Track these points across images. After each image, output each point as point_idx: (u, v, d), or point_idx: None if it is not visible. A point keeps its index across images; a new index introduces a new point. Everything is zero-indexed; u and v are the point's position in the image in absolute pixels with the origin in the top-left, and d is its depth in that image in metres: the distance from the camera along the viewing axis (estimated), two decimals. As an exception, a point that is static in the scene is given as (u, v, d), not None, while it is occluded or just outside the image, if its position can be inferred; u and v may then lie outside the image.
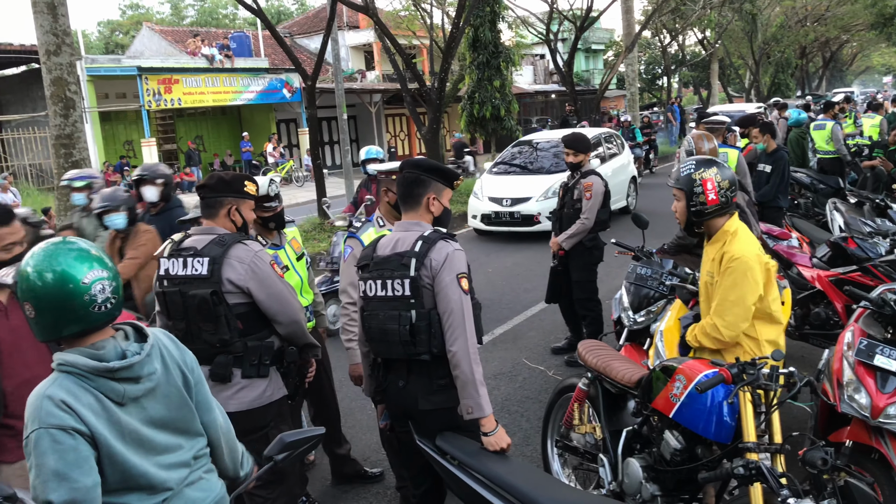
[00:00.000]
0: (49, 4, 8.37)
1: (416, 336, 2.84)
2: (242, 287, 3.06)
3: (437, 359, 2.87)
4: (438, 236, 2.92)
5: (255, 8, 13.33)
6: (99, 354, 1.92)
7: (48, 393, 1.86)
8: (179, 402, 2.07)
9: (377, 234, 3.73)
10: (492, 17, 18.89)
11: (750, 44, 36.54)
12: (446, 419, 2.94)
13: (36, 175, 21.32)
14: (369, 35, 30.44)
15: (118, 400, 1.93)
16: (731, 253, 3.18)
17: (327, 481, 4.51)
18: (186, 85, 23.32)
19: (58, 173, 8.77)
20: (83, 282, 1.86)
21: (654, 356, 4.11)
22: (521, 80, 34.49)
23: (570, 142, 6.19)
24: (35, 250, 1.91)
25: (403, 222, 3.05)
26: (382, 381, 3.05)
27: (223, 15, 49.15)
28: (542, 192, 11.73)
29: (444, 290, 2.83)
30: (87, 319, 1.89)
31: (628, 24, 23.24)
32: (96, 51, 42.17)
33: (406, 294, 2.86)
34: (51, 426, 1.81)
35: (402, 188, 3.06)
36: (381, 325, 2.92)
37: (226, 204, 3.22)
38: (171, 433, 2.05)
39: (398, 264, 2.88)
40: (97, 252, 1.96)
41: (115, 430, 1.90)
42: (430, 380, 2.91)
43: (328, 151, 29.83)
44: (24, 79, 24.13)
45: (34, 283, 1.85)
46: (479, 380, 2.82)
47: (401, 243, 2.95)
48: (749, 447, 2.67)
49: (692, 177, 3.27)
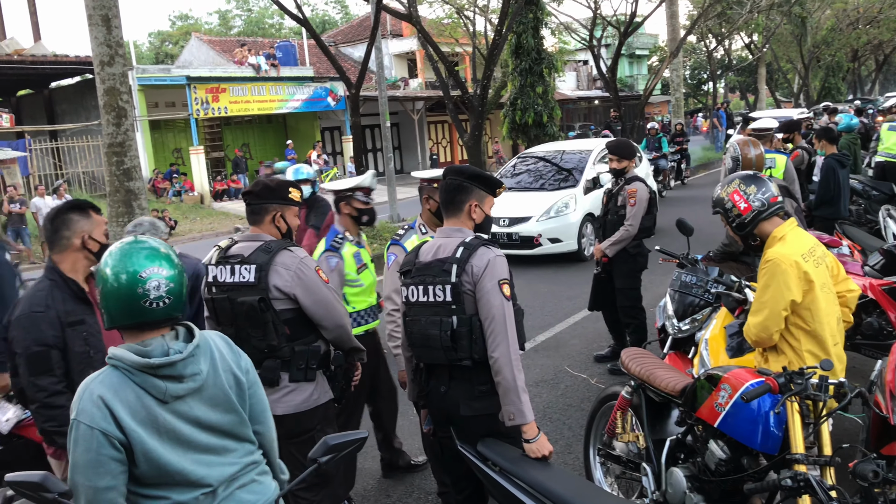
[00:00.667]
0: (104, 17, 8.61)
1: (457, 342, 2.85)
2: (289, 294, 3.11)
3: (479, 365, 2.88)
4: (480, 242, 2.94)
5: (300, 17, 13.55)
6: (145, 351, 1.98)
7: (91, 387, 1.95)
8: (227, 406, 2.10)
9: (419, 241, 3.78)
10: (535, 23, 18.84)
11: (799, 47, 35.80)
12: (488, 425, 2.94)
13: (89, 182, 21.93)
14: (412, 43, 30.66)
15: (160, 397, 1.98)
16: (766, 255, 3.20)
17: (369, 484, 4.55)
18: (233, 94, 23.77)
19: (109, 181, 9.02)
20: (140, 276, 1.95)
21: (699, 365, 4.06)
22: (563, 86, 34.31)
23: (614, 148, 6.17)
24: (116, 244, 2.03)
25: (445, 228, 3.08)
26: (425, 387, 3.07)
27: (269, 25, 49.95)
28: (544, 211, 10.67)
29: (486, 296, 2.83)
30: (139, 314, 1.97)
31: (673, 28, 22.98)
32: (147, 61, 43.24)
33: (447, 300, 2.88)
34: (83, 422, 1.91)
35: (445, 195, 3.08)
36: (422, 331, 2.94)
37: (271, 210, 3.28)
38: (215, 434, 2.09)
39: (439, 270, 2.90)
40: (167, 251, 2.05)
41: (151, 427, 1.96)
42: (471, 385, 2.92)
43: (371, 159, 30.07)
44: (79, 89, 24.88)
45: (102, 271, 1.98)
46: (521, 386, 2.82)
47: (442, 249, 2.97)
48: (797, 458, 2.61)
49: (720, 196, 3.40)
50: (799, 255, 3.16)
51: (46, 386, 2.87)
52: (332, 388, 3.34)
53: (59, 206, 3.16)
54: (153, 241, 2.06)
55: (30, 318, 2.90)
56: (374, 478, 4.63)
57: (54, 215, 3.09)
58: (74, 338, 2.94)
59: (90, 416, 1.91)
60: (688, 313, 4.69)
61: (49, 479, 2.15)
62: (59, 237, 3.06)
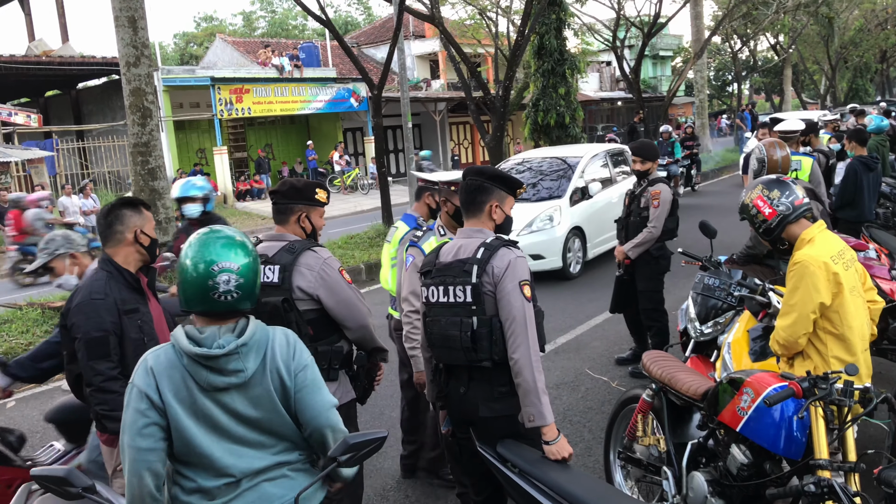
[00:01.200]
0: (130, 18, 8.73)
1: (477, 343, 2.85)
2: (312, 294, 3.14)
3: (499, 366, 2.87)
4: (501, 243, 2.93)
5: (323, 19, 13.61)
6: (199, 338, 2.07)
7: (147, 359, 2.09)
8: (269, 406, 2.15)
9: (438, 243, 3.77)
10: (557, 24, 18.77)
11: (826, 48, 35.40)
12: (507, 426, 2.93)
13: (114, 182, 22.22)
14: (435, 44, 30.71)
15: (201, 384, 2.06)
16: (794, 257, 3.16)
17: (388, 484, 4.56)
18: (257, 94, 23.95)
19: (134, 180, 9.13)
20: (212, 269, 2.05)
21: (722, 369, 4.02)
22: (586, 87, 34.19)
23: (638, 149, 6.14)
24: (196, 233, 2.15)
25: (465, 229, 3.07)
26: (444, 388, 3.07)
27: (293, 26, 50.27)
28: (525, 225, 9.65)
29: (507, 297, 2.83)
30: (207, 303, 2.08)
31: (697, 29, 22.82)
32: (172, 62, 43.70)
33: (468, 300, 2.87)
34: (135, 384, 2.06)
35: (465, 195, 3.08)
36: (442, 331, 2.94)
37: (296, 210, 3.31)
38: (252, 429, 2.13)
39: (460, 271, 2.90)
40: (241, 239, 2.14)
41: (188, 407, 2.05)
42: (490, 387, 2.92)
43: (393, 159, 30.16)
44: (105, 90, 25.22)
45: (183, 257, 2.08)
46: (542, 388, 2.81)
47: (463, 250, 2.97)
48: (821, 464, 2.58)
49: (744, 203, 3.38)
50: (828, 257, 3.12)
51: (103, 370, 2.96)
52: (355, 388, 3.35)
53: (112, 202, 3.25)
54: (229, 230, 2.15)
55: (91, 305, 2.99)
56: (392, 478, 4.64)
57: (108, 211, 3.18)
58: (130, 325, 3.04)
59: (142, 382, 2.05)
60: (710, 316, 4.65)
61: (73, 474, 2.18)
62: (113, 231, 3.15)
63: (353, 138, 29.92)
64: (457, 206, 3.78)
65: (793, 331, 3.12)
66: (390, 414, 5.57)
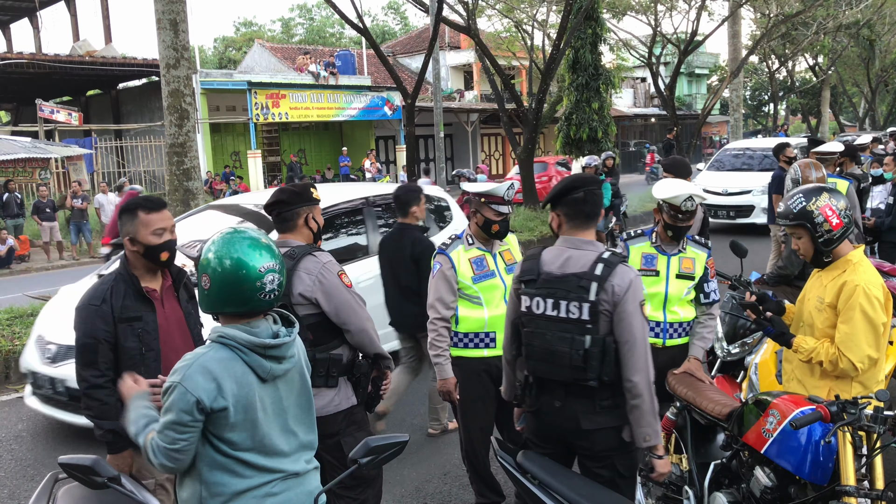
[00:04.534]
0: (172, 21, 8.89)
1: (588, 362, 2.73)
2: (311, 299, 3.14)
3: (604, 385, 2.77)
4: (618, 259, 2.80)
5: (360, 27, 13.75)
6: (255, 332, 2.13)
7: (202, 360, 2.09)
8: (301, 388, 2.29)
9: (465, 253, 3.76)
10: (593, 39, 18.77)
11: (866, 70, 34.82)
12: (611, 438, 2.83)
13: (149, 181, 22.58)
14: (469, 55, 30.84)
15: (263, 376, 2.14)
16: (854, 281, 3.01)
17: (406, 491, 4.56)
18: (292, 100, 24.24)
19: (169, 179, 9.28)
20: (259, 269, 2.09)
21: (748, 389, 3.97)
22: (620, 102, 34.08)
23: (670, 166, 6.07)
24: (218, 234, 2.16)
25: (573, 239, 2.89)
26: (534, 402, 2.95)
27: (330, 34, 50.80)
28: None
29: (628, 319, 2.71)
30: (251, 303, 2.12)
31: (734, 48, 22.61)
32: (210, 65, 44.37)
33: (584, 318, 2.74)
34: (189, 389, 2.04)
35: (582, 206, 2.88)
36: (547, 346, 2.82)
37: (302, 213, 3.33)
38: (290, 418, 2.25)
39: (575, 286, 2.76)
40: (266, 241, 2.18)
41: (254, 400, 2.11)
42: (591, 402, 2.80)
43: (423, 169, 30.29)
44: (144, 91, 25.70)
45: (215, 262, 2.09)
46: (656, 409, 2.76)
47: (573, 262, 2.82)
48: (847, 491, 2.54)
49: (807, 209, 3.10)
50: (881, 280, 3.07)
51: (87, 377, 2.94)
52: (358, 395, 3.32)
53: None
54: (250, 231, 2.18)
55: (87, 310, 2.97)
56: (412, 485, 4.64)
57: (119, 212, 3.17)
58: (128, 334, 2.97)
59: (195, 386, 2.04)
60: (738, 336, 4.60)
61: (99, 464, 2.22)
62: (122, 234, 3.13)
63: (385, 146, 30.11)
64: (486, 218, 3.72)
65: (865, 354, 2.97)
66: (412, 421, 5.58)
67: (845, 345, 2.99)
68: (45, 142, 19.62)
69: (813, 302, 3.19)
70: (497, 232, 3.77)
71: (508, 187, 3.71)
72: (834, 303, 3.05)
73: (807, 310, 3.24)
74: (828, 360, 3.03)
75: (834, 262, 3.15)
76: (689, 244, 3.94)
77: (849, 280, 3.03)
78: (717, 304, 3.96)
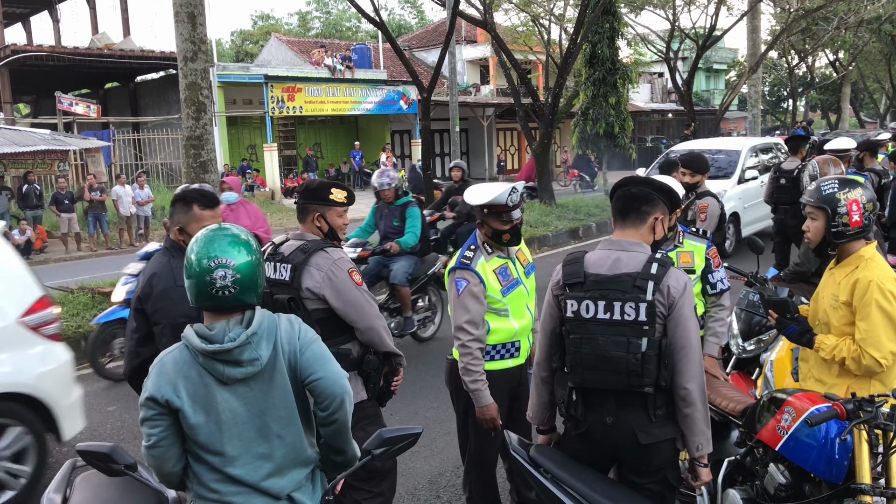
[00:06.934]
0: (189, 14, 8.92)
1: (644, 366, 2.60)
2: (319, 294, 3.15)
3: (659, 391, 2.66)
4: (670, 261, 2.70)
5: (377, 21, 13.76)
6: (209, 335, 2.09)
7: (164, 360, 2.12)
8: (283, 392, 2.16)
9: (488, 264, 3.47)
10: (611, 33, 18.64)
11: (888, 66, 34.39)
12: (668, 452, 2.72)
13: (166, 174, 22.75)
14: (486, 50, 30.75)
15: (220, 379, 2.08)
16: (867, 277, 2.97)
17: (420, 484, 4.57)
18: (309, 94, 24.27)
19: (185, 172, 9.33)
20: (209, 265, 2.05)
21: (763, 386, 3.95)
22: (637, 97, 33.85)
23: (687, 161, 6.04)
24: (201, 230, 2.16)
25: (620, 241, 2.77)
26: (581, 421, 2.78)
27: (346, 27, 50.78)
28: None
29: (685, 322, 2.61)
30: (207, 298, 2.08)
31: (754, 43, 22.39)
32: (227, 59, 44.48)
33: (640, 319, 2.61)
34: (147, 386, 2.08)
35: (627, 202, 2.80)
36: (600, 352, 2.65)
37: (311, 211, 3.35)
38: (271, 420, 2.14)
39: (630, 286, 2.63)
40: (246, 238, 2.14)
41: (203, 405, 2.07)
42: (646, 412, 2.67)
43: (439, 163, 30.27)
44: (162, 84, 25.85)
45: (188, 254, 2.10)
46: (708, 417, 2.70)
47: (623, 263, 2.69)
48: (863, 489, 2.52)
49: (836, 196, 3.05)
50: (894, 275, 3.04)
51: None
52: (368, 390, 3.31)
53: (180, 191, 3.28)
54: (234, 229, 2.16)
55: (177, 292, 3.00)
56: (425, 478, 4.66)
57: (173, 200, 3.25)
58: None
59: (151, 381, 2.08)
60: (753, 333, 4.58)
61: (117, 451, 2.25)
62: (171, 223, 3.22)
63: (401, 140, 30.12)
64: (494, 229, 3.43)
65: (889, 349, 2.93)
66: (424, 414, 5.60)
67: (867, 342, 2.95)
68: (64, 134, 19.80)
69: (828, 300, 3.17)
70: (509, 240, 3.49)
71: (511, 192, 3.35)
72: (849, 300, 3.03)
73: (822, 308, 3.21)
74: (850, 358, 3.00)
75: (844, 257, 3.13)
76: (687, 237, 3.89)
77: (861, 276, 3.00)
78: (726, 293, 3.90)
